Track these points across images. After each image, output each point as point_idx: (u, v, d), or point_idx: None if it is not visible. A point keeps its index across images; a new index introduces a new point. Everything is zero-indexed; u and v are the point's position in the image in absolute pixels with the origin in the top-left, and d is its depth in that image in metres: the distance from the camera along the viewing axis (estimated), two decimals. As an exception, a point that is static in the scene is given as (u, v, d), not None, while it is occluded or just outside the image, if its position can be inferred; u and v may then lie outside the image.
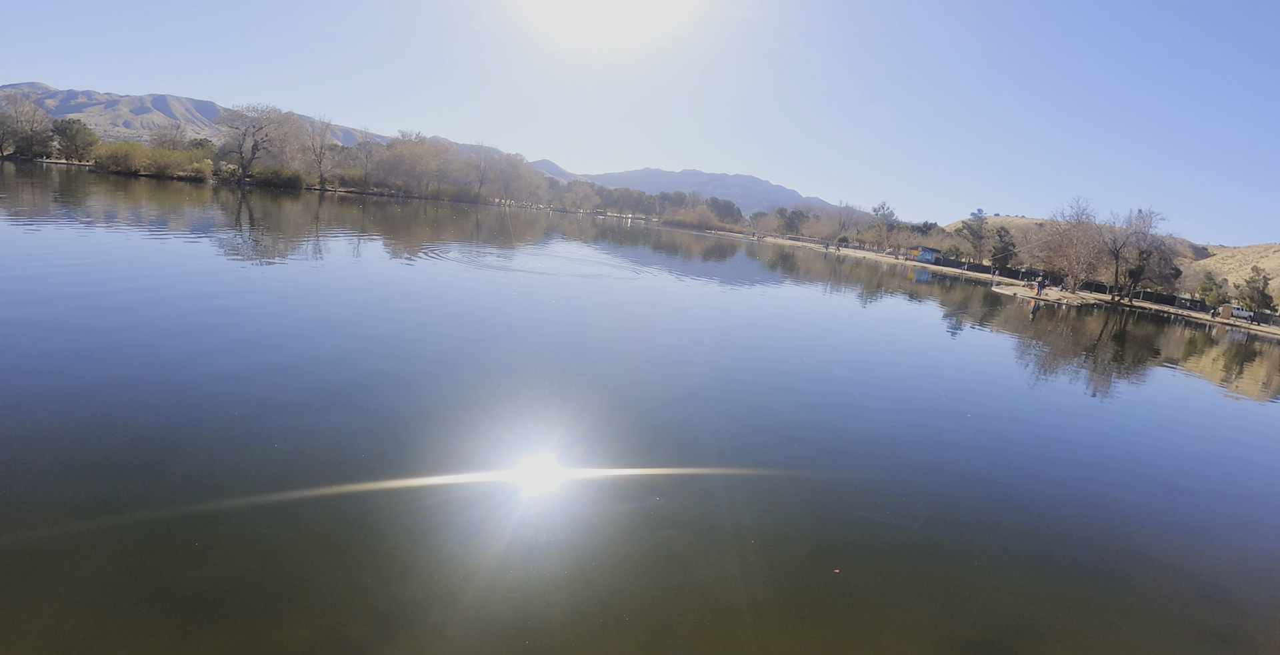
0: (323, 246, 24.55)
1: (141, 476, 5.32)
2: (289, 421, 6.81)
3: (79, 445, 5.75)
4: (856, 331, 20.89)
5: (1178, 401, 16.27)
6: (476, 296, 17.08)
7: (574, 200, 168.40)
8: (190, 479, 5.35)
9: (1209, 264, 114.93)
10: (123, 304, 11.13)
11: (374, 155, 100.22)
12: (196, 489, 5.21)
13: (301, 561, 4.51)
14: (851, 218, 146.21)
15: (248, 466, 5.67)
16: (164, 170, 72.03)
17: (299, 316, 11.93)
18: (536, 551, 4.96)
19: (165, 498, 5.03)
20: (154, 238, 21.34)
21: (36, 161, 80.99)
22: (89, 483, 5.15)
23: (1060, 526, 6.85)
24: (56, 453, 5.58)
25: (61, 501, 4.86)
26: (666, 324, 17.04)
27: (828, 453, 8.09)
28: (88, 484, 5.13)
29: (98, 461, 5.49)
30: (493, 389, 8.89)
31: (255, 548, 4.58)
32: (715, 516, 5.88)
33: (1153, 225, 70.43)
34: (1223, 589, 6.01)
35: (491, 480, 6.05)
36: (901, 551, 5.77)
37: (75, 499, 4.91)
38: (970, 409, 11.58)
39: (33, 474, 5.20)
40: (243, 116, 78.49)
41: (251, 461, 5.76)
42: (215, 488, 5.25)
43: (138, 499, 4.96)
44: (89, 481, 5.17)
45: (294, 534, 4.81)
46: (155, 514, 4.80)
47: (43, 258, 14.59)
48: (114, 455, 5.62)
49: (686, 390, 10.11)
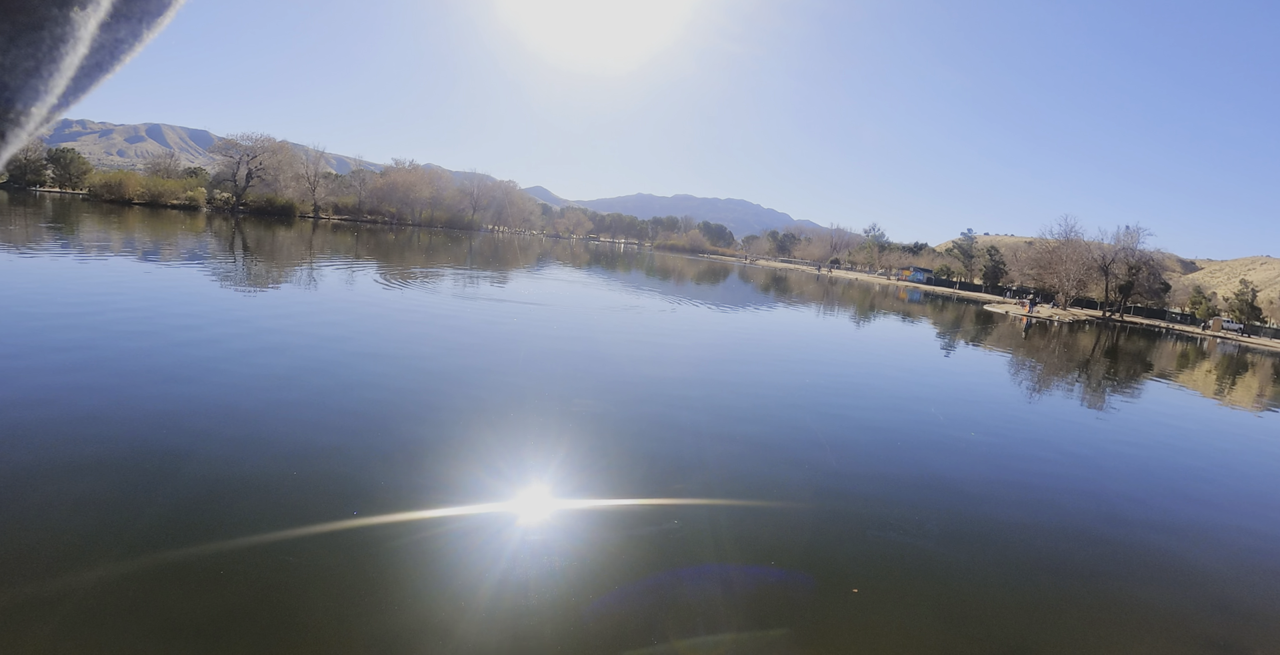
0: (315, 276, 24.48)
1: (142, 513, 5.22)
2: (284, 456, 6.69)
3: (78, 481, 5.63)
4: (852, 352, 20.87)
5: (1179, 414, 16.24)
6: (473, 324, 16.98)
7: (567, 226, 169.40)
8: (190, 516, 5.24)
9: (1198, 278, 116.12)
10: (96, 342, 11.00)
11: (368, 183, 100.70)
12: (195, 526, 5.09)
13: (302, 593, 4.42)
14: (843, 239, 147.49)
15: (246, 503, 5.54)
16: (158, 199, 72.13)
17: (290, 346, 11.80)
18: (532, 583, 4.83)
19: (167, 534, 4.92)
20: (141, 265, 21.26)
21: (30, 190, 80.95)
22: (93, 518, 5.05)
23: (1069, 541, 6.74)
24: (60, 488, 5.46)
25: (68, 536, 4.75)
26: (664, 348, 16.97)
27: (829, 477, 7.98)
28: (92, 519, 5.03)
29: (99, 498, 5.39)
30: (487, 418, 8.75)
31: (257, 581, 4.49)
32: (718, 543, 5.74)
33: (1140, 241, 71.35)
34: (1238, 603, 5.90)
35: (487, 511, 5.91)
36: (918, 570, 5.66)
37: (81, 534, 4.80)
38: (972, 427, 11.50)
39: (41, 509, 5.07)
40: (237, 145, 78.83)
41: (249, 498, 5.64)
42: (213, 524, 5.13)
43: (140, 536, 4.84)
44: (93, 516, 5.07)
45: (294, 567, 4.71)
46: (159, 551, 4.69)
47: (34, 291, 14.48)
48: (114, 492, 5.50)
49: (685, 417, 10.02)
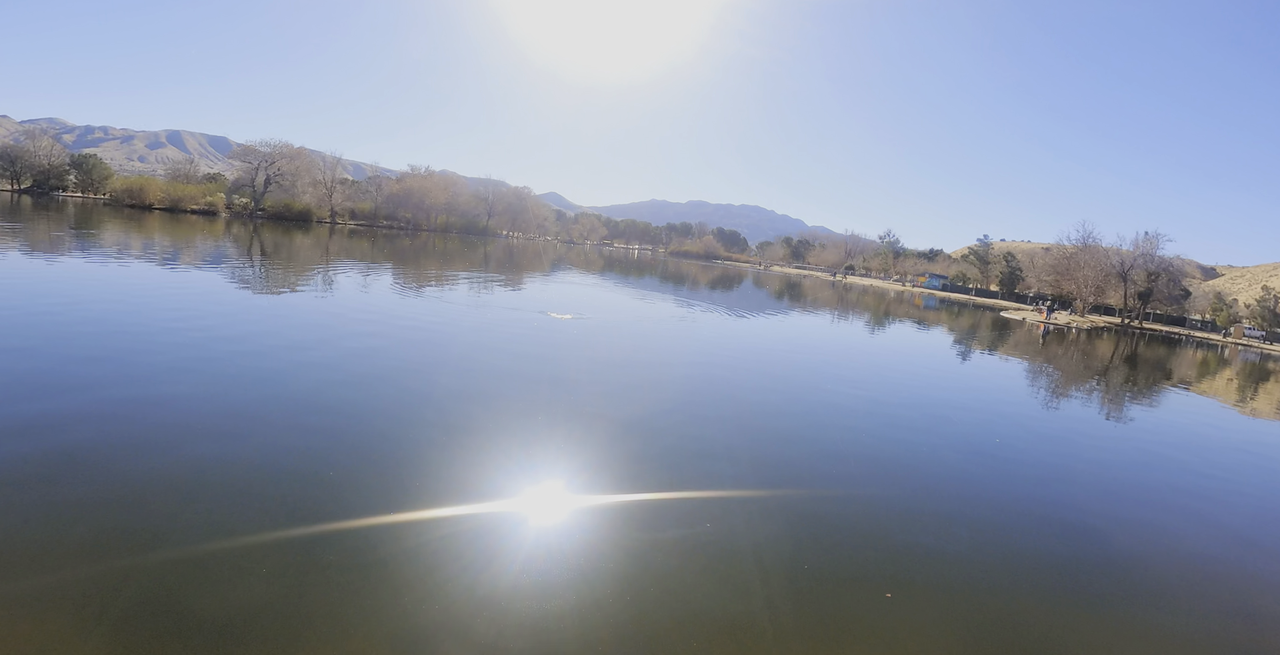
0: (332, 279, 24.68)
1: (160, 514, 5.26)
2: (300, 457, 6.75)
3: (95, 478, 5.72)
4: (867, 357, 20.74)
5: (1204, 423, 15.98)
6: (480, 329, 17.02)
7: (581, 232, 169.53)
8: (206, 516, 5.26)
9: (1218, 284, 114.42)
10: (105, 336, 11.13)
11: (384, 189, 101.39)
12: (214, 526, 5.11)
13: (323, 590, 4.42)
14: (857, 246, 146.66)
15: (263, 503, 5.55)
16: (178, 204, 73.01)
17: (310, 349, 11.89)
18: (548, 580, 4.81)
19: (186, 534, 4.94)
20: (162, 268, 21.51)
21: (53, 195, 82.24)
22: (110, 519, 5.11)
23: (1096, 548, 6.62)
24: (74, 492, 5.54)
25: (86, 537, 4.80)
26: (682, 350, 16.94)
27: (852, 477, 7.90)
28: (109, 520, 5.09)
29: (120, 499, 5.45)
30: (499, 418, 8.74)
31: (276, 580, 4.50)
32: (734, 541, 5.70)
33: (1160, 247, 70.41)
34: (1272, 617, 5.77)
35: (501, 510, 5.89)
36: (949, 576, 5.59)
37: (98, 535, 4.85)
38: (997, 434, 11.38)
39: (54, 512, 5.15)
40: (255, 151, 79.77)
41: (266, 498, 5.65)
42: (235, 522, 5.16)
43: (157, 537, 4.86)
44: (111, 518, 5.13)
45: (312, 566, 4.71)
46: (178, 550, 4.71)
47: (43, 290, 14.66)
48: (134, 494, 5.55)
49: (705, 413, 9.99)
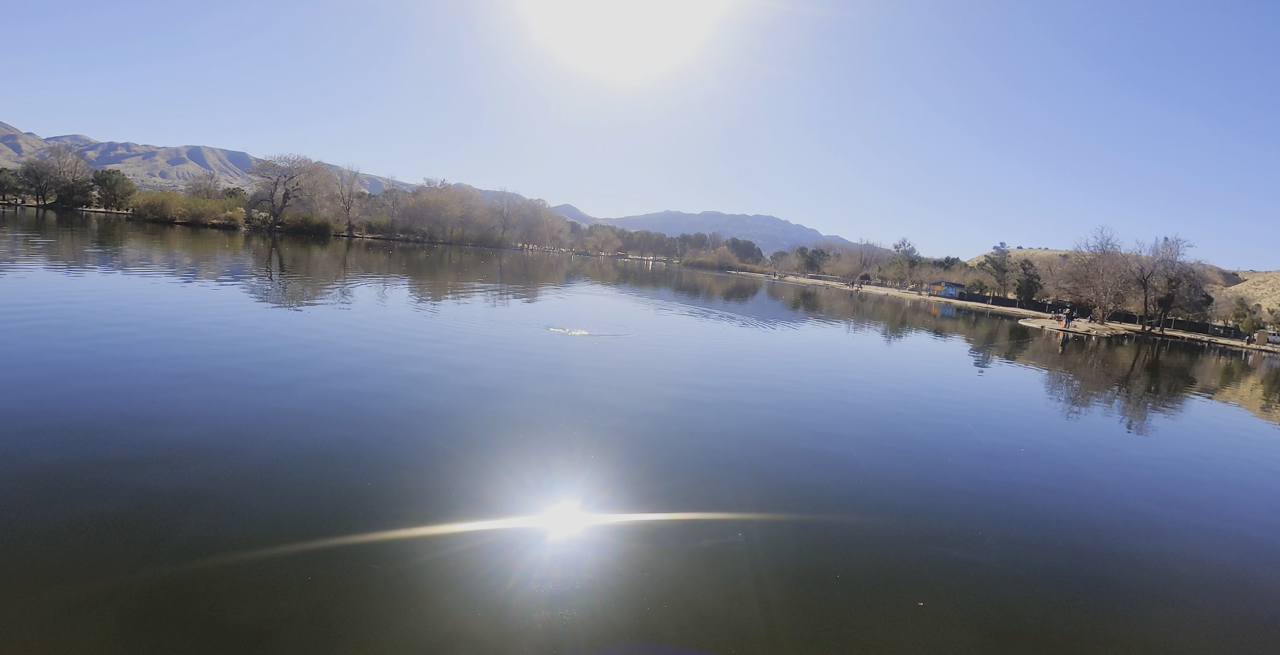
0: (377, 293, 24.90)
1: (186, 528, 5.29)
2: (322, 469, 6.76)
3: (123, 498, 5.75)
4: (886, 366, 20.53)
5: (1238, 433, 15.64)
6: (499, 342, 17.06)
7: (595, 244, 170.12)
8: (226, 529, 5.28)
9: (1241, 290, 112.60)
10: (133, 348, 11.24)
11: (400, 202, 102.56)
12: (243, 536, 5.14)
13: (344, 602, 4.44)
14: (872, 255, 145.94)
15: (285, 516, 5.56)
16: (198, 218, 74.27)
17: (324, 358, 11.96)
18: (564, 596, 4.77)
19: (212, 546, 4.97)
20: (180, 282, 21.79)
21: (76, 210, 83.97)
22: (139, 529, 5.15)
23: (1123, 555, 6.47)
24: (105, 501, 5.59)
25: (115, 547, 4.83)
26: (697, 364, 16.88)
27: (884, 489, 7.79)
28: (138, 531, 5.12)
29: (148, 509, 5.48)
30: (516, 434, 8.68)
31: (310, 590, 4.53)
32: (752, 559, 5.61)
33: (1180, 252, 69.28)
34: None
35: (519, 526, 5.85)
36: (979, 585, 5.51)
37: (127, 545, 4.88)
38: (1021, 444, 11.20)
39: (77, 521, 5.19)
40: (274, 166, 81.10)
41: (288, 511, 5.66)
42: (259, 534, 5.19)
43: (186, 549, 4.89)
44: (139, 528, 5.16)
45: (345, 575, 4.73)
46: (206, 561, 4.75)
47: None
48: (162, 505, 5.58)
49: (722, 428, 9.90)
